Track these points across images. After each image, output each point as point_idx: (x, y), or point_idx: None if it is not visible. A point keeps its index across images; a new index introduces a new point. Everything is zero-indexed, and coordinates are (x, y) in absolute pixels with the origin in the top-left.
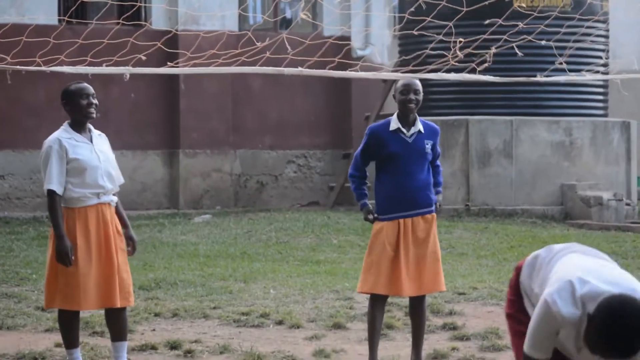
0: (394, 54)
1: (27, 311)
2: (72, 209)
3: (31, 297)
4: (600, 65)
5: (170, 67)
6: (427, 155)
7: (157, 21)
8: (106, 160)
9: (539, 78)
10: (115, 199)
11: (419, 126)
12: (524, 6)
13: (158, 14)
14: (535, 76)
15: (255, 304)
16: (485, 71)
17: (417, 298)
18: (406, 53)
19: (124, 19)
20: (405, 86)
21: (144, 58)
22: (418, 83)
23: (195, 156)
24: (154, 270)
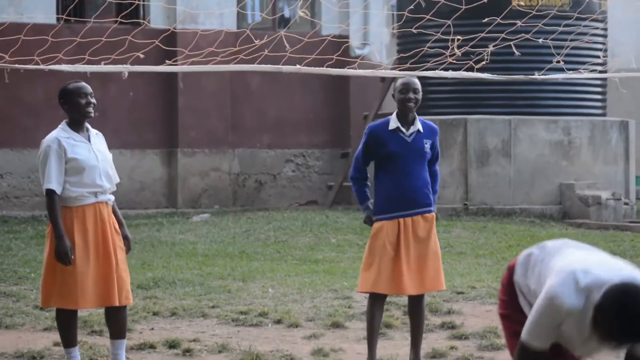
0: (392, 52)
1: (25, 310)
2: (69, 208)
3: (30, 296)
4: (599, 64)
5: (169, 65)
6: (426, 155)
7: (155, 19)
8: (104, 159)
9: (537, 76)
10: (112, 197)
11: (418, 125)
12: (522, 5)
13: (156, 13)
14: (533, 75)
15: (254, 303)
16: (483, 70)
17: (416, 297)
18: (404, 52)
19: (122, 17)
20: (404, 85)
21: (142, 56)
22: (417, 82)
23: (193, 155)
24: (152, 270)
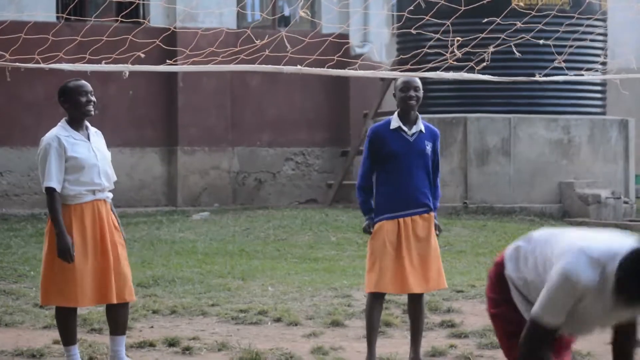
0: (392, 52)
1: (25, 308)
2: (68, 205)
3: (29, 294)
4: (599, 63)
5: (170, 64)
6: (428, 156)
7: (155, 18)
8: (103, 158)
9: (539, 78)
10: (110, 195)
11: (420, 126)
12: (522, 5)
13: (156, 12)
14: (534, 75)
15: (254, 301)
16: (483, 70)
17: (416, 295)
18: (404, 51)
19: (122, 16)
20: (405, 83)
21: (143, 56)
22: (418, 80)
23: (193, 153)
24: (152, 268)
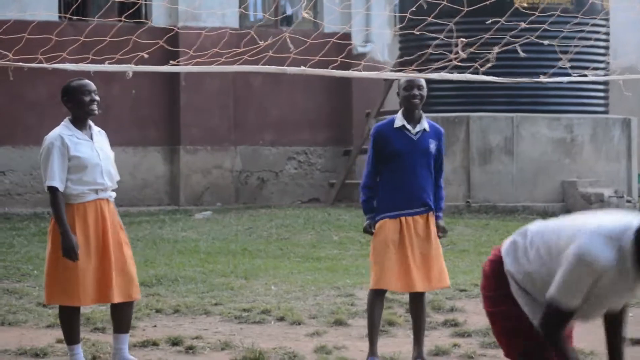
0: (394, 52)
1: (28, 307)
2: (71, 205)
3: (32, 293)
4: (602, 62)
5: (173, 65)
6: (431, 155)
7: (157, 18)
8: (106, 158)
9: (543, 79)
10: (113, 194)
11: (424, 124)
12: (525, 5)
13: (158, 12)
14: (537, 75)
15: (257, 300)
16: (487, 70)
17: (418, 294)
18: (406, 51)
19: (125, 16)
20: (408, 82)
21: (146, 56)
22: (421, 79)
23: (195, 153)
24: (154, 267)
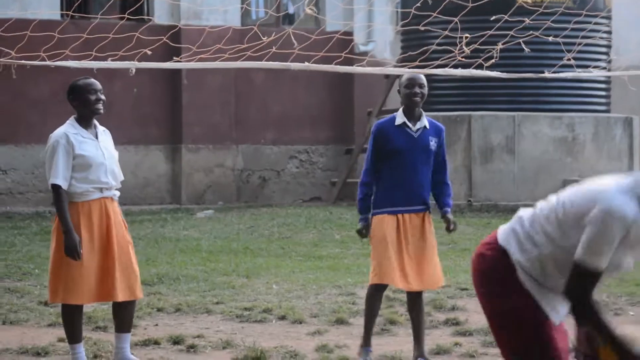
0: (396, 49)
1: (30, 306)
2: (75, 203)
3: (34, 291)
4: (605, 61)
5: (176, 62)
6: (432, 152)
7: (159, 16)
8: (110, 157)
9: (547, 74)
10: (117, 193)
11: (424, 122)
12: (528, 2)
13: (160, 9)
14: (540, 72)
15: (258, 299)
16: (490, 67)
17: (415, 293)
18: (409, 49)
19: (127, 14)
20: (410, 80)
21: (149, 53)
22: (423, 77)
23: (197, 151)
24: (156, 266)
